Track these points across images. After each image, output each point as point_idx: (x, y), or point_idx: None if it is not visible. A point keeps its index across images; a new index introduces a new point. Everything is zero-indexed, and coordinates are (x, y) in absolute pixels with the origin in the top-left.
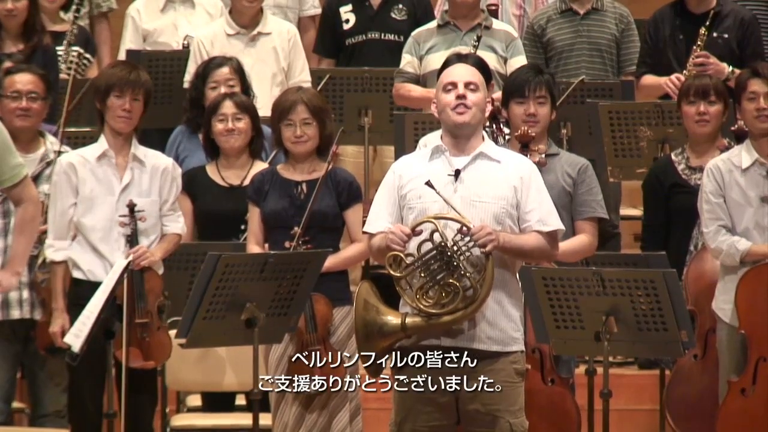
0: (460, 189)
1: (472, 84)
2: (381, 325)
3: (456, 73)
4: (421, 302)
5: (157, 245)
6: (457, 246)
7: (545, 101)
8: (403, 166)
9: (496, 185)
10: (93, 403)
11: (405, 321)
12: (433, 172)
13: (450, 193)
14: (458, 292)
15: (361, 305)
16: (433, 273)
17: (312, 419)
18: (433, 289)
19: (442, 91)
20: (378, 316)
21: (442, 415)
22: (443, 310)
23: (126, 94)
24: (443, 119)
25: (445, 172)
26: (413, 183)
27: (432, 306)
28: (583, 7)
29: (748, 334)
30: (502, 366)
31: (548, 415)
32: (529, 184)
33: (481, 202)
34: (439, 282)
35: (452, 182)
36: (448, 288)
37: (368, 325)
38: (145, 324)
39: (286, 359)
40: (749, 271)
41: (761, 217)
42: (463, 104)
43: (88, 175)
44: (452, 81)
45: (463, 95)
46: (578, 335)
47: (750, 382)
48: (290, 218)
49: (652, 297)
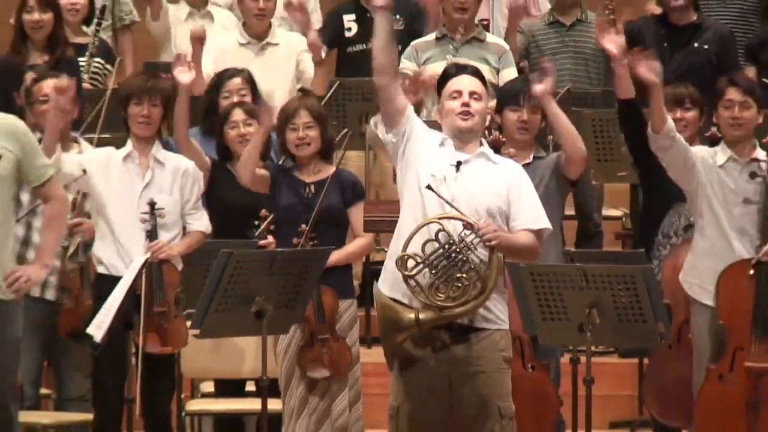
0: (459, 179)
1: (476, 93)
2: (397, 321)
3: (462, 83)
4: (434, 298)
5: (179, 241)
6: (464, 242)
7: (537, 109)
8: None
9: (492, 182)
10: (114, 389)
11: (419, 316)
12: (439, 156)
13: (451, 180)
14: (468, 285)
15: (380, 307)
16: (441, 270)
17: (314, 403)
18: (443, 284)
19: (448, 98)
20: (394, 314)
21: (435, 400)
22: (455, 303)
23: (144, 101)
24: (447, 124)
25: (448, 162)
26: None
27: (444, 300)
28: (569, 18)
29: (727, 325)
30: (491, 354)
31: (529, 398)
32: (521, 186)
33: (477, 194)
34: (449, 277)
35: (454, 172)
36: (458, 282)
37: (387, 323)
38: (163, 313)
39: (294, 347)
40: (730, 267)
41: (743, 221)
42: (467, 111)
43: (115, 172)
44: (458, 89)
45: (468, 103)
46: (563, 326)
47: (727, 369)
48: (299, 214)
49: (631, 291)
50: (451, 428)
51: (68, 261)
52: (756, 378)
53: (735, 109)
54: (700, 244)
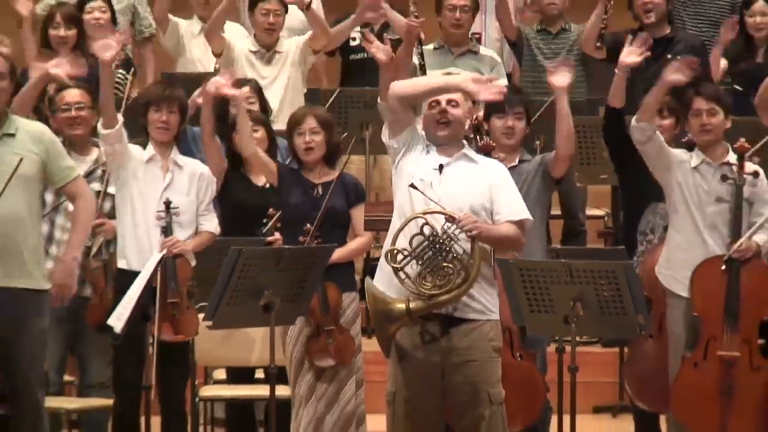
0: (443, 181)
1: (453, 101)
2: (389, 312)
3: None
4: (421, 287)
5: (191, 239)
6: (447, 234)
7: (521, 116)
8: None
9: (474, 182)
10: (133, 376)
11: (409, 306)
12: (423, 161)
13: (436, 184)
14: (452, 274)
15: (372, 300)
16: (427, 261)
17: (322, 390)
18: (429, 274)
19: (428, 107)
20: (385, 306)
21: (430, 387)
22: (441, 291)
23: (162, 108)
24: (428, 132)
25: (431, 167)
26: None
27: (431, 289)
28: (555, 27)
29: (701, 316)
30: (481, 344)
31: (518, 385)
32: (502, 183)
33: (461, 193)
34: (434, 267)
35: (437, 174)
36: (443, 272)
37: (379, 314)
38: (176, 303)
39: (302, 337)
40: (703, 263)
41: (716, 220)
42: (445, 119)
43: (140, 172)
44: (436, 98)
45: (445, 110)
46: (549, 318)
47: (702, 358)
48: (307, 213)
49: (613, 285)
50: (445, 413)
51: (92, 259)
52: (728, 366)
53: (703, 116)
54: (674, 239)
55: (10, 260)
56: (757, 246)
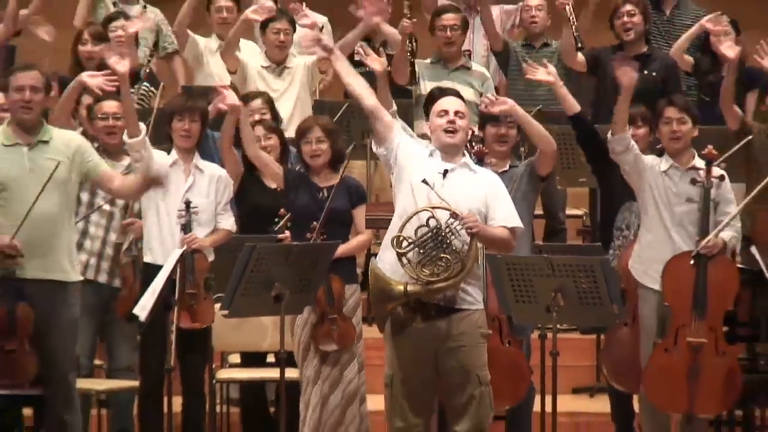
0: (446, 185)
1: (460, 112)
2: (388, 291)
3: (448, 104)
4: (420, 273)
5: (209, 236)
6: (449, 228)
7: (513, 125)
8: (414, 144)
9: (473, 188)
10: (157, 360)
11: (407, 288)
12: (429, 164)
13: (439, 186)
14: (450, 264)
15: (374, 278)
16: (429, 250)
17: (326, 372)
18: (430, 262)
19: (436, 116)
20: (386, 285)
21: (424, 370)
22: (437, 279)
23: (185, 118)
24: (435, 138)
25: (436, 170)
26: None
27: (429, 276)
28: (538, 42)
29: (672, 306)
30: (471, 331)
31: (505, 368)
32: (497, 192)
33: (461, 198)
34: (434, 257)
35: (441, 178)
36: (441, 261)
37: (379, 292)
38: (193, 294)
39: (309, 324)
40: (673, 258)
41: (684, 219)
42: (453, 128)
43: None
44: (445, 109)
45: (453, 120)
46: (533, 308)
47: (672, 343)
48: (313, 213)
49: (590, 278)
50: (438, 393)
51: (123, 255)
52: (695, 351)
53: (673, 124)
54: (645, 237)
55: (45, 255)
56: (723, 243)
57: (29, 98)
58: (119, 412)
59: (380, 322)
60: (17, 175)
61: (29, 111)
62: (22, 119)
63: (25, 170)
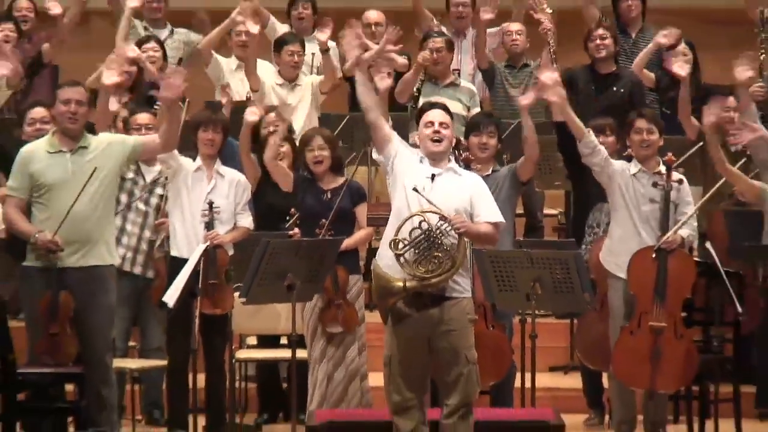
0: (435, 188)
1: (444, 123)
2: (389, 288)
3: (434, 115)
4: (416, 271)
5: (229, 233)
6: (440, 230)
7: (494, 134)
8: (408, 152)
9: (458, 190)
10: (183, 342)
11: (406, 284)
12: (418, 171)
13: (428, 190)
14: (442, 261)
15: (376, 278)
16: (422, 250)
17: (331, 352)
18: (424, 260)
19: (424, 127)
20: (387, 283)
21: (418, 351)
22: (432, 275)
23: (209, 128)
24: (423, 146)
25: (425, 175)
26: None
27: (424, 272)
28: (518, 62)
29: (636, 294)
30: (459, 317)
31: (490, 349)
32: (481, 192)
33: (447, 199)
34: (428, 255)
35: (430, 182)
36: (434, 259)
37: (381, 290)
38: (215, 284)
39: (317, 309)
40: (638, 252)
41: (649, 217)
42: (438, 137)
43: (189, 179)
44: (431, 120)
45: (438, 131)
46: (514, 296)
47: (636, 327)
48: (318, 212)
49: (564, 270)
50: (430, 372)
51: (156, 250)
52: (657, 334)
53: (643, 134)
54: (615, 232)
55: (86, 247)
56: (681, 239)
57: (75, 110)
58: (150, 388)
59: (384, 315)
60: (60, 179)
61: (75, 121)
62: (67, 128)
63: (68, 174)
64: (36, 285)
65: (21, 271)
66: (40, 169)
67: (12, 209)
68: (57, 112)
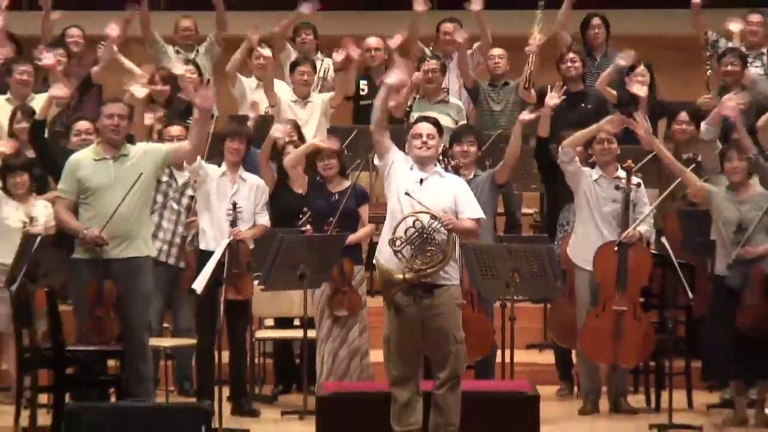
0: (423, 190)
1: (431, 135)
2: (391, 280)
3: (422, 128)
4: (413, 264)
5: (250, 230)
6: (431, 227)
7: (473, 143)
8: (402, 159)
9: (444, 191)
10: (210, 323)
11: (405, 276)
12: (409, 176)
13: (417, 192)
14: (434, 255)
15: (379, 271)
16: (417, 246)
17: (336, 332)
18: (419, 255)
19: (413, 138)
20: (390, 276)
21: (413, 332)
22: (426, 267)
23: (235, 139)
24: (412, 154)
25: (415, 179)
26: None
27: (420, 265)
28: (500, 82)
29: (600, 282)
30: (449, 302)
31: (475, 330)
32: (463, 192)
33: (434, 199)
34: (422, 250)
35: (419, 185)
36: (428, 253)
37: (384, 282)
38: (237, 273)
39: (325, 295)
40: (602, 246)
41: (610, 216)
42: (425, 146)
43: (215, 183)
44: (420, 132)
45: (425, 141)
46: (496, 284)
47: (601, 310)
48: (327, 212)
49: (539, 261)
50: (423, 350)
51: (188, 244)
52: (619, 316)
53: (604, 143)
54: (579, 229)
55: (127, 241)
56: (639, 234)
57: (117, 123)
58: (181, 363)
59: (388, 302)
60: (104, 183)
61: (117, 133)
62: (111, 139)
63: (111, 179)
64: (83, 274)
65: (70, 262)
66: (86, 175)
67: (62, 209)
68: (102, 125)
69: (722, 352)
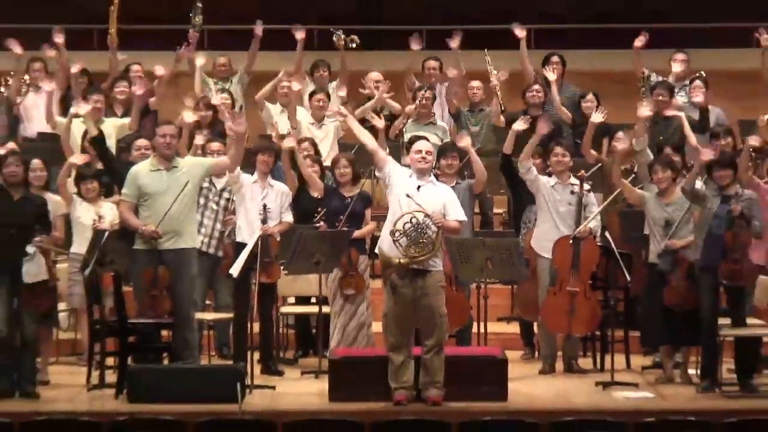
0: (420, 195)
1: (429, 151)
2: (390, 263)
3: (422, 145)
4: (408, 252)
5: (277, 226)
6: (425, 224)
7: (456, 157)
8: (400, 170)
9: (436, 197)
10: (244, 301)
11: (401, 261)
12: (409, 182)
13: (415, 196)
14: (426, 246)
15: (381, 257)
16: (412, 238)
17: (347, 308)
18: (413, 245)
19: (414, 153)
20: (389, 260)
21: (406, 309)
22: (419, 255)
23: (266, 153)
24: (413, 166)
25: (413, 186)
26: (399, 183)
27: (414, 253)
28: (476, 108)
29: (558, 268)
30: (434, 284)
31: (454, 307)
32: (451, 199)
33: (428, 203)
34: (416, 241)
35: (416, 192)
36: (421, 244)
37: (384, 264)
38: (267, 261)
39: (336, 278)
40: (560, 239)
41: (566, 215)
42: (424, 160)
43: (249, 189)
44: (420, 149)
45: (424, 157)
46: (472, 269)
47: (558, 290)
48: (341, 212)
49: (508, 252)
50: (415, 323)
51: (225, 238)
52: (572, 295)
53: (559, 157)
54: (541, 226)
55: (176, 236)
56: (590, 230)
57: (169, 141)
58: (221, 333)
59: (386, 279)
60: (159, 189)
61: (169, 149)
62: (164, 154)
63: (164, 185)
64: (142, 262)
65: (131, 252)
66: (145, 183)
67: (126, 210)
68: (156, 143)
69: (654, 323)
